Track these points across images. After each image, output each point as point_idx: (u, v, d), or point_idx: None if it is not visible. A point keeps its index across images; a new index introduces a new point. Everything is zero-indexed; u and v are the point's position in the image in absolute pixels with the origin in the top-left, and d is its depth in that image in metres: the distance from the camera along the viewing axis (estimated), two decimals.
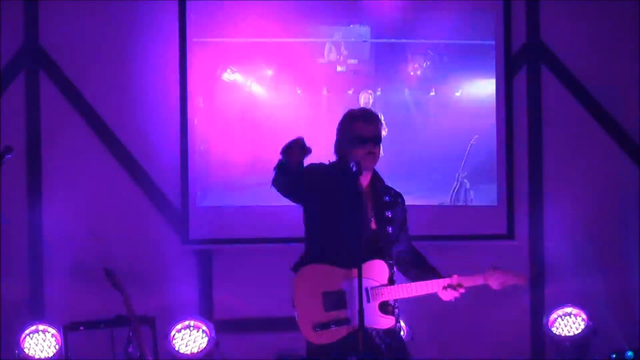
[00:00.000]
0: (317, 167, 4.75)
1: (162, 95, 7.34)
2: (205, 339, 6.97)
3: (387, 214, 4.78)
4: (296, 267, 4.77)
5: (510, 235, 7.36)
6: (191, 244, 7.30)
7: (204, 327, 6.99)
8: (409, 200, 6.06)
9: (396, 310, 4.75)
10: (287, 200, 4.80)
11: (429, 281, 4.75)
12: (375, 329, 4.69)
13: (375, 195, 4.78)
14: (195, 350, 6.96)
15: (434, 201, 7.31)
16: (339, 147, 4.80)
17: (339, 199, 4.64)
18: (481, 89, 7.37)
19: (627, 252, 7.42)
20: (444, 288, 4.74)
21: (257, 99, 7.32)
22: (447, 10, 7.36)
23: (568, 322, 7.12)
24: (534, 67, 7.46)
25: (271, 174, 4.69)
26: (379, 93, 7.31)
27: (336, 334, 4.61)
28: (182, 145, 7.28)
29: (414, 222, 7.40)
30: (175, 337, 6.97)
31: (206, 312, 7.27)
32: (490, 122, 7.36)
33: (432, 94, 7.36)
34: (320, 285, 4.64)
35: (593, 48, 7.44)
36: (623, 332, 7.30)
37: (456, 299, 4.75)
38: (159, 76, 7.34)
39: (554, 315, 7.13)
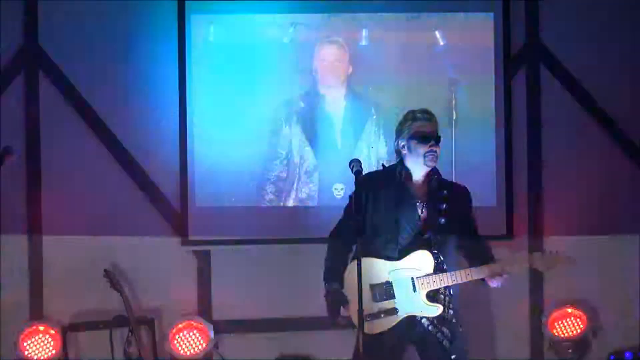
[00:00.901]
0: (367, 179, 5.01)
1: (161, 96, 7.34)
2: (204, 340, 6.98)
3: (440, 206, 5.02)
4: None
5: (509, 235, 7.36)
6: (190, 244, 7.29)
7: (203, 328, 6.99)
8: None
9: (446, 298, 5.02)
10: (286, 201, 4.94)
11: (473, 268, 5.02)
12: (426, 317, 4.96)
13: (430, 189, 5.04)
14: (194, 351, 6.96)
15: None
16: (399, 146, 5.09)
17: (385, 198, 4.92)
18: (480, 89, 7.37)
19: (627, 253, 7.41)
20: (488, 275, 5.02)
21: (257, 99, 7.33)
22: (445, 11, 7.39)
23: (567, 323, 7.12)
24: (533, 68, 7.46)
25: (269, 174, 4.79)
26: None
27: (386, 323, 4.89)
28: (181, 145, 7.28)
29: None
30: (174, 337, 6.97)
31: (205, 313, 7.26)
32: (489, 123, 7.36)
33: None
34: (369, 277, 4.87)
35: (592, 49, 7.43)
36: (622, 333, 7.30)
37: (502, 284, 5.08)
38: (158, 76, 7.34)
39: (553, 316, 7.14)
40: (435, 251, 4.96)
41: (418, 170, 5.05)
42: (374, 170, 5.10)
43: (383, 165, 5.14)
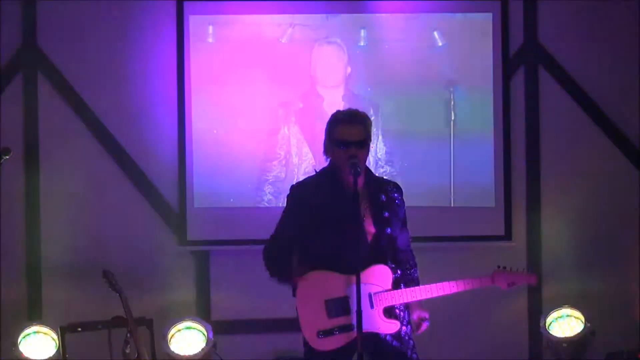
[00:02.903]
0: (304, 190, 4.80)
1: (160, 96, 7.34)
2: (203, 340, 6.98)
3: (384, 214, 4.75)
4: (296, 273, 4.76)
5: (508, 236, 7.36)
6: (189, 245, 7.30)
7: (202, 328, 7.00)
8: (406, 201, 5.96)
9: (402, 314, 4.77)
10: (285, 202, 4.89)
11: (434, 285, 4.75)
12: (384, 334, 4.71)
13: (371, 197, 4.75)
14: (192, 351, 6.96)
15: (432, 202, 7.31)
16: (326, 149, 4.84)
17: (333, 208, 4.66)
18: (478, 90, 7.37)
19: (625, 254, 7.41)
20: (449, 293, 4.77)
21: (255, 99, 7.33)
22: (444, 11, 7.39)
23: (566, 324, 7.13)
24: (532, 68, 7.46)
25: (268, 175, 4.76)
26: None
27: (340, 340, 4.66)
28: (180, 145, 7.29)
29: (412, 222, 7.40)
30: (173, 338, 6.97)
31: (204, 313, 7.27)
32: (487, 123, 7.36)
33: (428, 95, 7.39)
34: (324, 292, 4.67)
35: (591, 49, 7.43)
36: (621, 333, 7.30)
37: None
38: (157, 77, 7.34)
39: (551, 317, 7.14)
40: (393, 265, 4.74)
41: (347, 174, 4.64)
42: (308, 177, 4.82)
43: (315, 170, 4.87)
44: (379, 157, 7.31)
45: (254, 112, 7.32)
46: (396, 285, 4.74)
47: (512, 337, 7.39)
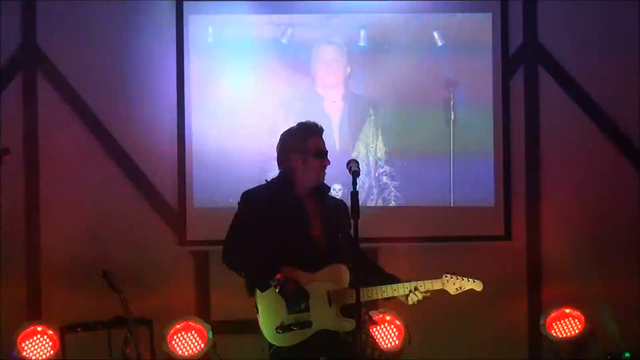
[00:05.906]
0: (258, 199, 4.86)
1: (159, 96, 7.34)
2: (202, 340, 6.97)
3: (336, 221, 4.85)
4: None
5: (507, 236, 7.36)
6: (188, 245, 7.30)
7: (202, 328, 6.99)
8: (406, 201, 6.02)
9: (362, 314, 4.75)
10: None
11: (389, 286, 4.82)
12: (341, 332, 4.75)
13: (322, 204, 4.86)
14: (192, 351, 6.96)
15: (431, 202, 7.31)
16: (286, 159, 4.89)
17: (284, 214, 4.78)
18: (478, 90, 7.37)
19: (625, 253, 7.41)
20: (405, 294, 4.82)
21: (254, 100, 7.33)
22: (443, 11, 7.39)
23: (565, 324, 7.13)
24: (531, 68, 7.46)
25: (267, 175, 4.80)
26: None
27: (298, 336, 4.71)
28: (179, 145, 7.29)
29: (412, 222, 7.40)
30: (173, 338, 6.97)
31: (204, 313, 7.27)
32: (487, 123, 7.36)
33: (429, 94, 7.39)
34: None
35: (591, 49, 7.43)
36: (620, 333, 7.30)
37: (419, 302, 4.82)
38: (157, 77, 7.34)
39: (551, 317, 7.14)
40: (350, 265, 4.78)
41: (308, 184, 4.85)
42: (260, 185, 4.93)
43: (266, 180, 4.95)
44: (378, 157, 7.31)
45: (254, 112, 7.32)
46: (354, 284, 4.73)
47: (512, 337, 7.39)
